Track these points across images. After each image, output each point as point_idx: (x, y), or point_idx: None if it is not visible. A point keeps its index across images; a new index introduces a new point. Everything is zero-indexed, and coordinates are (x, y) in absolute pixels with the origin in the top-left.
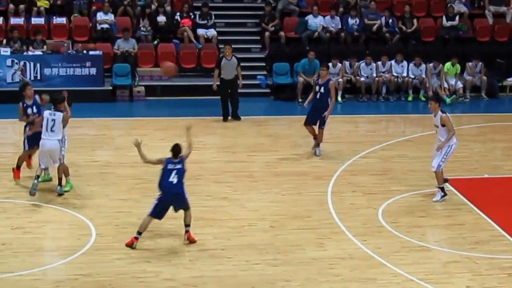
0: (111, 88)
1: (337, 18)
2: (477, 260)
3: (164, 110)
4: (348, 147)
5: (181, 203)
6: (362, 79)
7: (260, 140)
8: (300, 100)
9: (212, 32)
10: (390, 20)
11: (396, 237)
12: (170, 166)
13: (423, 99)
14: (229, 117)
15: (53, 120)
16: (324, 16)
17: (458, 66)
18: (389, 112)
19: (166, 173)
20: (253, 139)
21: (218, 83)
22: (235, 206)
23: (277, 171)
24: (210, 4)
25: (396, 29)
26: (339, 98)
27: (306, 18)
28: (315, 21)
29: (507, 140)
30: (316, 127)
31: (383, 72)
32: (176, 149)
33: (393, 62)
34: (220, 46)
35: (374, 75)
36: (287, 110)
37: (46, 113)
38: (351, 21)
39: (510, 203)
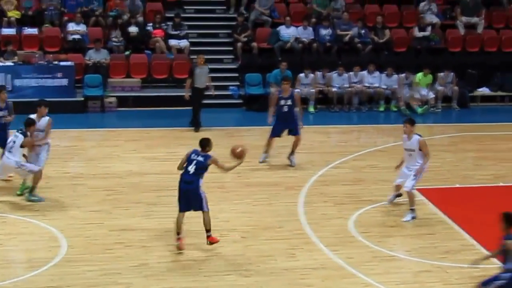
0: (82, 99)
1: (310, 28)
2: (448, 270)
3: (136, 121)
4: (320, 158)
5: (192, 197)
6: (334, 89)
7: None
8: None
9: (184, 43)
10: (363, 31)
11: (368, 247)
12: (193, 156)
13: (395, 109)
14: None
15: (14, 142)
16: (296, 27)
17: (429, 77)
18: (361, 122)
19: (188, 162)
20: (225, 149)
21: (190, 93)
22: None
23: (249, 181)
24: (183, 15)
25: (368, 39)
26: (312, 109)
27: (278, 28)
28: (288, 32)
29: (478, 150)
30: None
31: (355, 83)
32: (202, 142)
33: (365, 72)
34: (193, 56)
35: (346, 85)
36: (259, 121)
37: (14, 133)
38: (323, 31)
39: (480, 213)
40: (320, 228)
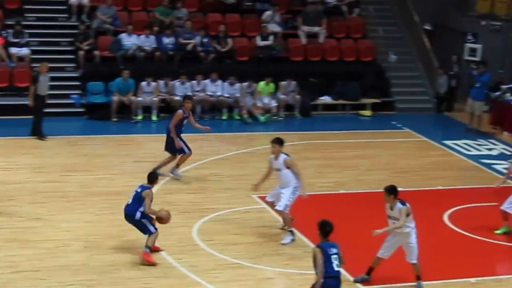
0: None
1: (152, 37)
2: (292, 276)
3: None
4: (164, 166)
5: (133, 224)
6: (177, 98)
7: (75, 160)
8: (115, 119)
9: (25, 51)
10: (205, 40)
11: (211, 255)
12: (136, 187)
13: (237, 118)
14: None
15: None
16: (138, 35)
17: (272, 85)
18: (204, 131)
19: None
20: (67, 159)
21: (34, 101)
22: (49, 227)
23: (91, 191)
24: (23, 23)
25: (211, 48)
26: (154, 117)
27: (120, 37)
28: (130, 40)
29: (319, 158)
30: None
31: (198, 91)
32: (149, 175)
33: (208, 81)
34: (34, 65)
35: (189, 94)
36: (101, 130)
37: None
38: (166, 40)
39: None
40: (164, 237)
